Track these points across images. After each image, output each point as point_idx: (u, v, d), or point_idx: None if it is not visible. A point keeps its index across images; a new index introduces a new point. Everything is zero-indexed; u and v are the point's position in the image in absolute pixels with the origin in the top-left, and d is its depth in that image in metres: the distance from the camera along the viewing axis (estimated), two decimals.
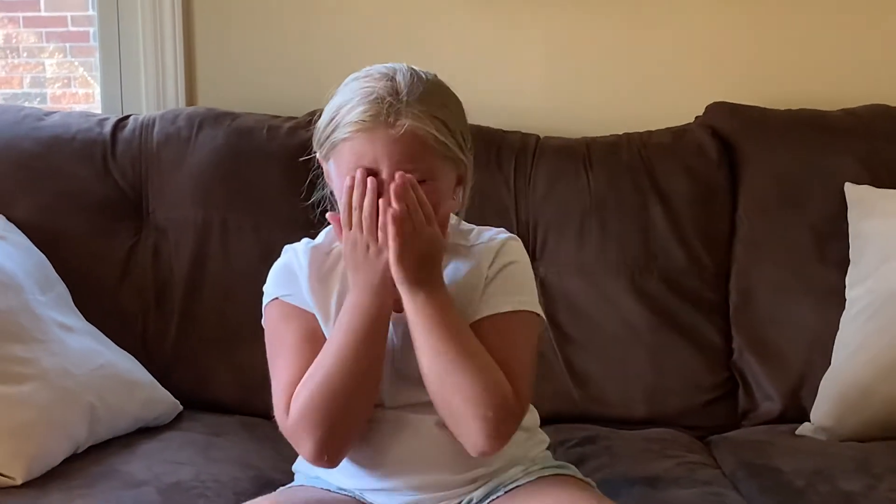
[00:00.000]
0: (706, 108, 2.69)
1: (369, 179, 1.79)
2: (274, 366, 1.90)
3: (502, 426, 1.80)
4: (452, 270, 1.91)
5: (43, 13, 3.18)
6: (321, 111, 1.89)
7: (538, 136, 2.64)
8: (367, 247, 1.80)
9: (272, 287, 1.94)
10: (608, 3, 2.79)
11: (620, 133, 2.66)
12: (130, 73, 2.83)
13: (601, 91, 2.82)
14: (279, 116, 2.64)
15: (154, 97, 2.81)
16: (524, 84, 2.80)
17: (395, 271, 1.78)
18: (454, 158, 1.85)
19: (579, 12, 2.80)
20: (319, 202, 1.99)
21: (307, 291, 1.90)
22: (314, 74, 2.79)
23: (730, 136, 2.62)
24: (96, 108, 2.92)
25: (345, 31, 2.80)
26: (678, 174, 2.57)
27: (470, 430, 1.79)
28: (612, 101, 2.80)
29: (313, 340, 1.86)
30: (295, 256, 1.95)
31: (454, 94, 1.89)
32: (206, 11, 2.81)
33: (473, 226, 1.98)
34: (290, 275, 1.92)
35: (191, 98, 2.83)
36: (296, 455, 2.08)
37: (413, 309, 1.80)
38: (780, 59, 2.81)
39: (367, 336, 1.80)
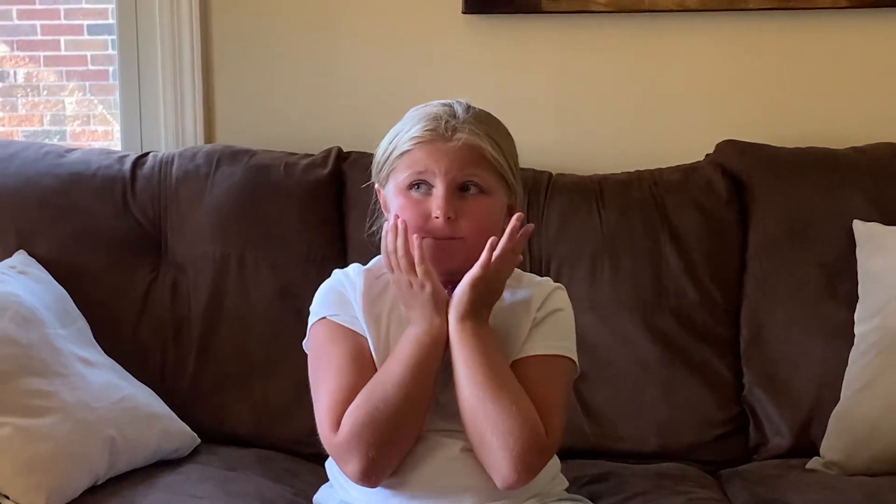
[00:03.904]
0: (716, 146, 2.69)
1: (399, 222, 1.88)
2: (318, 383, 1.93)
3: (531, 462, 1.83)
4: (502, 307, 1.95)
5: (63, 52, 3.21)
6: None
7: (550, 174, 2.66)
8: (410, 283, 1.87)
9: (320, 307, 1.98)
10: (619, 42, 2.81)
11: (632, 171, 2.67)
12: (149, 110, 2.85)
13: (613, 129, 2.83)
14: (296, 154, 2.65)
15: (173, 134, 2.82)
16: (537, 122, 2.82)
17: (461, 292, 1.86)
18: (507, 180, 1.94)
19: (591, 51, 2.82)
20: (377, 231, 2.05)
21: (360, 311, 1.94)
22: (331, 112, 2.82)
23: (739, 173, 2.63)
24: (115, 145, 2.94)
25: (360, 72, 2.82)
26: (689, 211, 2.58)
27: (499, 463, 1.83)
28: (623, 139, 2.82)
29: (360, 360, 1.91)
30: (346, 279, 2.00)
31: (507, 130, 1.99)
32: (224, 49, 2.83)
33: (519, 269, 2.04)
34: (339, 296, 1.97)
35: (209, 135, 2.84)
36: (314, 488, 2.11)
37: (458, 338, 1.86)
38: (788, 97, 2.83)
39: (422, 364, 1.85)
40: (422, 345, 1.86)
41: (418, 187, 1.91)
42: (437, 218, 1.89)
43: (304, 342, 2.01)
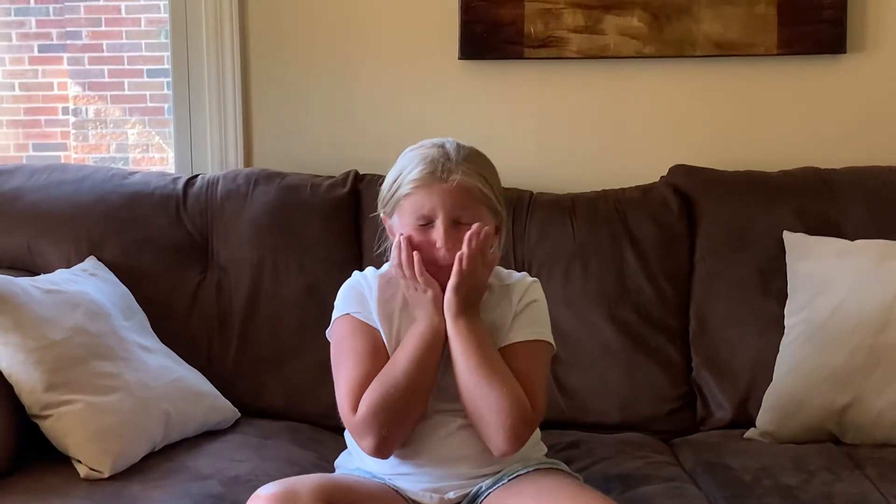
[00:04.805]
0: (669, 169, 2.69)
1: (404, 240, 1.86)
2: (340, 369, 1.91)
3: (521, 433, 1.83)
4: (489, 301, 1.94)
5: (126, 92, 3.21)
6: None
7: (532, 193, 2.65)
8: (415, 289, 1.86)
9: (343, 304, 1.97)
10: (588, 83, 2.81)
11: (599, 190, 2.66)
12: (198, 140, 2.84)
13: (583, 155, 2.82)
14: (320, 176, 2.64)
15: (218, 160, 2.81)
16: (520, 149, 2.81)
17: (448, 298, 1.84)
18: (494, 209, 1.92)
19: (565, 90, 2.81)
20: (384, 251, 2.03)
21: (375, 311, 1.93)
22: (349, 141, 2.82)
23: (689, 192, 2.62)
24: (170, 168, 2.93)
25: (374, 108, 2.82)
26: (646, 223, 2.57)
27: (494, 435, 1.82)
28: (592, 163, 2.81)
29: (376, 351, 1.90)
30: (364, 281, 1.98)
31: (492, 162, 1.95)
32: (260, 90, 2.82)
33: (504, 269, 2.03)
34: (359, 296, 1.96)
35: (248, 160, 2.83)
36: (336, 454, 2.10)
37: (454, 333, 1.85)
38: (729, 129, 2.82)
39: (426, 356, 1.85)
40: (425, 340, 1.85)
41: (423, 223, 1.89)
42: (440, 248, 1.87)
43: (327, 331, 2.01)
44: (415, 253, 1.86)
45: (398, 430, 1.85)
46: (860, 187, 2.59)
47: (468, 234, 1.85)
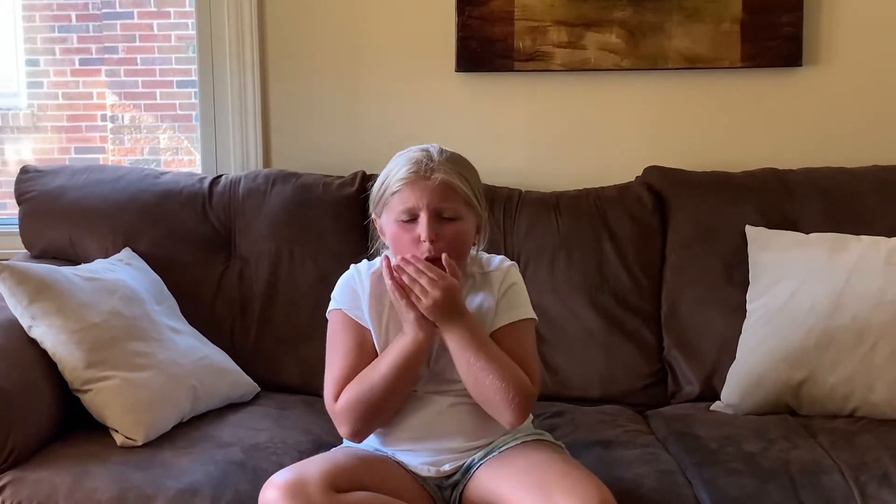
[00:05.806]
0: (644, 170, 2.68)
1: (385, 265, 1.84)
2: (330, 360, 1.92)
3: (526, 405, 1.83)
4: (474, 293, 1.93)
5: (158, 101, 3.22)
6: (372, 180, 1.91)
7: (521, 191, 2.65)
8: (396, 303, 1.85)
9: (339, 297, 1.96)
10: (572, 93, 2.80)
11: (581, 188, 2.66)
12: (222, 144, 2.83)
13: (567, 157, 2.82)
14: (331, 176, 2.64)
15: (240, 161, 2.81)
16: (511, 152, 2.81)
17: (429, 314, 1.82)
18: (474, 208, 1.89)
19: (550, 99, 2.81)
20: (375, 246, 2.03)
21: (366, 310, 1.92)
22: (357, 145, 2.82)
23: (661, 190, 2.62)
24: (197, 169, 2.93)
25: (379, 115, 2.81)
26: (623, 219, 2.57)
27: (504, 412, 1.82)
28: (575, 165, 2.80)
29: (362, 349, 1.89)
30: (358, 277, 1.96)
31: (473, 165, 1.93)
32: (278, 100, 2.82)
33: (485, 254, 2.02)
34: (353, 293, 1.94)
35: (267, 162, 2.83)
36: None
37: (448, 336, 1.84)
38: (697, 134, 2.81)
39: (405, 367, 1.84)
40: (407, 351, 1.84)
41: (408, 219, 1.87)
42: (424, 241, 1.84)
43: (327, 312, 1.99)
44: (392, 281, 1.83)
45: (370, 424, 1.86)
46: (814, 186, 2.58)
47: (420, 266, 1.81)
